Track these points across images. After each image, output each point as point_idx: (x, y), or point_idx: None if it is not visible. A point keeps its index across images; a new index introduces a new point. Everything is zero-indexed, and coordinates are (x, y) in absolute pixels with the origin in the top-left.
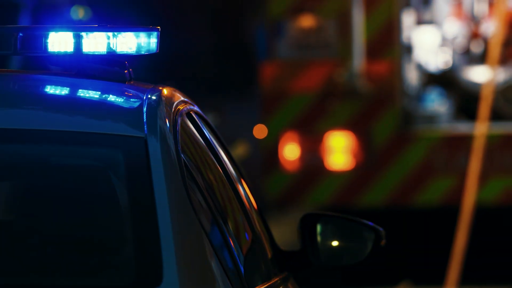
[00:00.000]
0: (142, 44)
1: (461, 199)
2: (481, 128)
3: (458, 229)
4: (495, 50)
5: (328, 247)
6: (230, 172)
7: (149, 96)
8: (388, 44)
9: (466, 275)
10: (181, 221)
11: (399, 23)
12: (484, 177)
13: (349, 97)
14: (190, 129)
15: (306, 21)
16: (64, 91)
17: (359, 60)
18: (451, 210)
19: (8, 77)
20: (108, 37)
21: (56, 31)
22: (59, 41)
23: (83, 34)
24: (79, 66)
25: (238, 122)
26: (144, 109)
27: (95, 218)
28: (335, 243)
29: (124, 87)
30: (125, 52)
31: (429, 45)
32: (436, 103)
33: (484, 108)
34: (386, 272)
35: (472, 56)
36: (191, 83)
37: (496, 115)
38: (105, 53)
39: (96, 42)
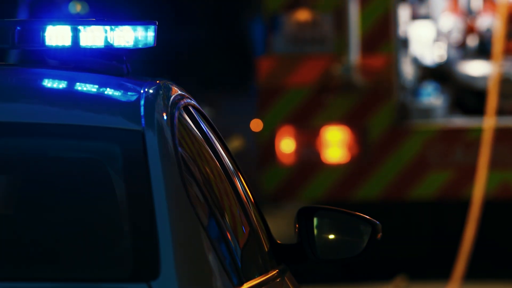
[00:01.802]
0: (140, 38)
1: (456, 192)
2: (485, 122)
3: (466, 224)
4: (498, 44)
5: (324, 241)
6: (227, 165)
7: (146, 89)
8: (384, 39)
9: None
10: (179, 214)
11: (395, 17)
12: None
13: (345, 91)
14: (187, 122)
15: (302, 16)
16: (61, 84)
17: (355, 55)
18: (447, 203)
19: (6, 70)
20: (106, 31)
21: (54, 24)
22: (57, 35)
23: (81, 27)
24: (76, 60)
25: (235, 116)
26: (142, 103)
27: (93, 211)
28: (331, 237)
29: (121, 80)
30: (123, 46)
31: (425, 39)
32: (432, 97)
33: (489, 102)
34: (381, 266)
35: (467, 50)
36: (188, 77)
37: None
38: (103, 46)
39: (93, 36)
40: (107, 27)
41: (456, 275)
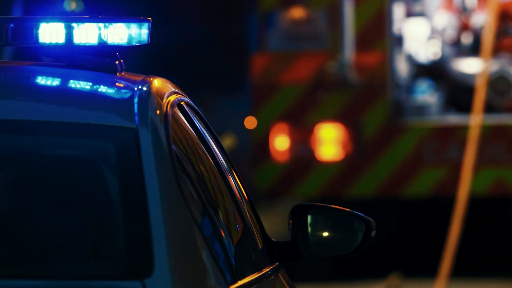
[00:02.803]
0: (133, 35)
1: (451, 190)
2: (475, 120)
3: (452, 221)
4: (488, 42)
5: (318, 238)
6: (221, 163)
7: (140, 87)
8: (379, 36)
9: (457, 267)
10: (172, 212)
11: (389, 14)
12: (475, 168)
13: (339, 88)
14: (181, 120)
15: (297, 13)
16: (55, 82)
17: (349, 52)
18: (441, 201)
19: None
20: (99, 28)
21: (47, 22)
22: (50, 32)
23: (74, 25)
24: (70, 57)
25: (229, 113)
26: (135, 100)
27: (86, 209)
28: (325, 234)
29: (115, 78)
30: (116, 43)
31: (419, 36)
32: (426, 95)
33: (478, 100)
34: (376, 264)
35: (462, 48)
36: (182, 74)
37: (485, 107)
38: (96, 44)
39: (87, 33)
40: (101, 25)
41: (442, 272)
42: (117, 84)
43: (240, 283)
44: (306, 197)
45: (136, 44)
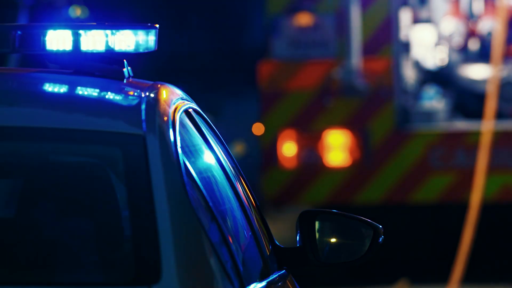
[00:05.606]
0: (141, 42)
1: (458, 196)
2: (485, 126)
3: (464, 227)
4: (497, 48)
5: (326, 244)
6: (229, 169)
7: (147, 93)
8: (385, 42)
9: (467, 273)
10: (180, 218)
11: (396, 21)
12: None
13: (346, 95)
14: (188, 126)
15: (304, 20)
16: (62, 89)
17: (356, 58)
18: (449, 207)
19: (7, 75)
20: (107, 35)
21: (55, 29)
22: (58, 39)
23: (82, 32)
24: (77, 64)
25: (237, 120)
26: (143, 107)
27: (94, 215)
28: (333, 240)
29: (122, 85)
30: (124, 50)
31: (426, 43)
32: (433, 101)
33: (489, 106)
34: (383, 270)
35: (469, 54)
36: (189, 81)
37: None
38: (104, 51)
39: (94, 40)
40: (108, 31)
41: (454, 278)
42: (124, 91)
43: None
44: (314, 203)
45: (144, 51)
